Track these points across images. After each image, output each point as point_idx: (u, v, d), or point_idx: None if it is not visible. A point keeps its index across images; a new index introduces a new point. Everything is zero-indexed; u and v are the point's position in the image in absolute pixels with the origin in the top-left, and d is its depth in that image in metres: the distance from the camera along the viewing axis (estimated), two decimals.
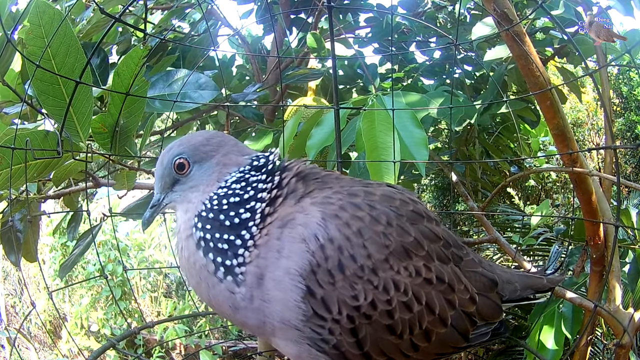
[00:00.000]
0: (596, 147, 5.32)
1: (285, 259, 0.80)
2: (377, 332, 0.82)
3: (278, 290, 0.80)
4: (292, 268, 0.79)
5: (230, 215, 0.85)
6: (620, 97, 6.24)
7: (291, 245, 0.81)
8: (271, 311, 0.82)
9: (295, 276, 0.79)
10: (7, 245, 1.52)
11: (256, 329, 0.87)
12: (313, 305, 0.79)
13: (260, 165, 0.91)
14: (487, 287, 0.98)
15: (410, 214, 0.90)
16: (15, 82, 1.56)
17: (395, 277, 0.83)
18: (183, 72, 1.67)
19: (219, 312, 0.89)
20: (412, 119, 1.52)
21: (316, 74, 2.24)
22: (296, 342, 0.83)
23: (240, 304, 0.83)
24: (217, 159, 0.91)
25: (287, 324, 0.81)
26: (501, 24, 1.40)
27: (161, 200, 0.94)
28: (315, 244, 0.80)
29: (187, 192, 0.91)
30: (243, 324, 0.88)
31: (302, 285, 0.79)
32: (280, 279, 0.80)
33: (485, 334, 0.96)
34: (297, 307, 0.79)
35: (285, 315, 0.80)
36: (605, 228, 1.77)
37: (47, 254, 5.96)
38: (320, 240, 0.80)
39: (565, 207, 5.32)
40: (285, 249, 0.81)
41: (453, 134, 2.89)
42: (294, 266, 0.79)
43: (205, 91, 1.63)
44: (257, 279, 0.81)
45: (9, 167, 1.19)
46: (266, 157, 0.92)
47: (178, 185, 0.93)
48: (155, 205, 0.94)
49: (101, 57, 1.69)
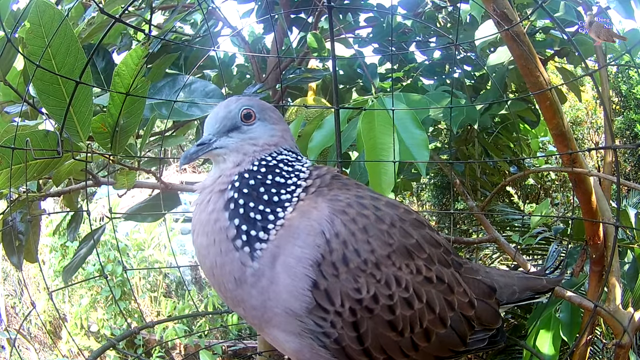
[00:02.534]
0: (596, 147, 5.33)
1: (300, 248, 0.81)
2: (379, 327, 0.83)
3: (287, 276, 0.80)
4: (305, 257, 0.80)
5: (271, 191, 0.86)
6: (620, 96, 6.24)
7: (306, 237, 0.82)
8: (276, 296, 0.81)
9: (307, 266, 0.80)
10: (8, 247, 1.52)
11: (251, 311, 0.84)
12: (316, 296, 0.80)
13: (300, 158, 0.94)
14: (486, 293, 1.00)
15: (413, 221, 0.92)
16: (17, 81, 1.55)
17: (397, 273, 0.85)
18: (190, 79, 1.66)
19: (217, 282, 0.86)
20: (412, 120, 1.53)
21: (317, 76, 2.24)
22: (298, 336, 0.83)
23: (248, 280, 0.82)
24: (279, 128, 0.93)
25: (290, 313, 0.81)
26: (501, 24, 1.40)
27: (212, 141, 0.90)
28: (322, 237, 0.81)
29: (245, 143, 0.90)
30: (240, 303, 0.85)
31: (312, 275, 0.80)
32: (292, 266, 0.80)
33: (482, 340, 0.97)
34: (304, 296, 0.80)
35: (290, 303, 0.80)
36: (605, 228, 1.77)
37: (47, 255, 5.95)
38: (326, 235, 0.81)
39: (564, 206, 5.33)
40: (300, 239, 0.82)
41: (453, 134, 2.90)
42: (307, 256, 0.80)
43: (213, 99, 1.63)
44: (272, 259, 0.81)
45: (9, 167, 1.19)
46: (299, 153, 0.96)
47: (236, 132, 0.90)
48: (204, 143, 0.90)
49: (106, 60, 1.67)
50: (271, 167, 0.88)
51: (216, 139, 0.90)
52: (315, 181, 0.91)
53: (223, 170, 0.89)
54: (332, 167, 0.98)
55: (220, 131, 0.91)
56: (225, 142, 0.90)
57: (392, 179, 1.44)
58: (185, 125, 2.63)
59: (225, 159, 0.90)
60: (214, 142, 0.90)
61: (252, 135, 0.90)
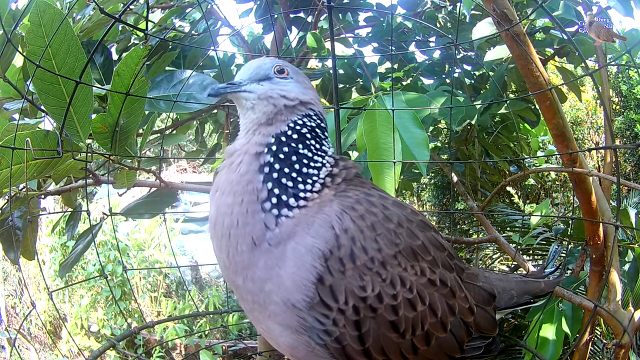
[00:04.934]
0: (596, 147, 5.33)
1: (312, 237, 0.80)
2: (381, 328, 0.83)
3: (294, 263, 0.79)
4: (316, 248, 0.79)
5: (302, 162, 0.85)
6: (620, 96, 6.24)
7: (318, 227, 0.81)
8: (279, 281, 0.79)
9: (315, 258, 0.79)
10: (5, 243, 1.52)
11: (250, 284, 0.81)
12: (320, 292, 0.79)
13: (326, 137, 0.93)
14: (485, 300, 1.00)
15: (419, 222, 0.92)
16: (16, 78, 1.55)
17: (402, 274, 0.84)
18: (187, 73, 1.67)
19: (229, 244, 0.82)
20: (412, 119, 1.53)
21: (317, 75, 2.24)
22: (295, 331, 0.81)
23: (264, 245, 0.80)
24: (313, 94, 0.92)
25: (289, 305, 0.79)
26: (501, 24, 1.40)
27: (243, 83, 0.88)
28: (331, 233, 0.80)
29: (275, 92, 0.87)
30: (244, 270, 0.82)
31: (320, 267, 0.79)
32: (301, 254, 0.79)
33: (478, 348, 0.96)
34: (306, 289, 0.79)
35: (291, 294, 0.79)
36: (605, 228, 1.77)
37: (47, 255, 5.95)
38: (335, 230, 0.81)
39: (564, 206, 5.32)
40: (313, 229, 0.81)
41: (453, 134, 2.90)
42: (318, 246, 0.80)
43: None
44: (287, 236, 0.81)
45: (9, 166, 1.19)
46: None
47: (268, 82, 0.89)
48: (234, 83, 0.88)
49: (104, 56, 1.68)
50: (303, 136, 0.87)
51: (248, 82, 0.88)
52: (342, 172, 0.90)
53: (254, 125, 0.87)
54: (356, 163, 0.96)
55: (251, 78, 0.89)
56: (254, 87, 0.88)
57: (396, 179, 1.44)
58: (185, 124, 2.64)
59: (254, 105, 0.88)
60: (244, 85, 0.88)
61: (285, 87, 0.89)
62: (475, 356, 0.97)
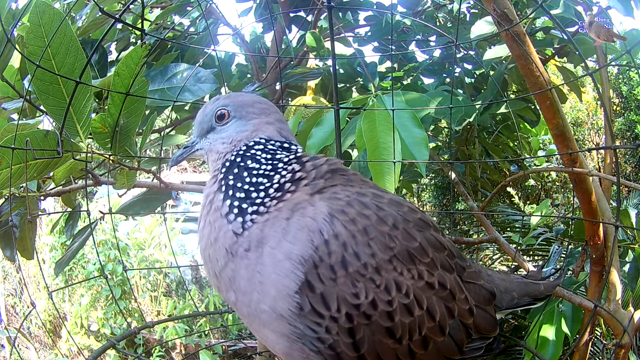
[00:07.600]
0: (596, 147, 5.33)
1: (290, 243, 0.79)
2: (376, 334, 0.81)
3: (275, 270, 0.79)
4: (294, 254, 0.78)
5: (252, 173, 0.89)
6: (620, 97, 6.24)
7: (297, 232, 0.80)
8: (263, 288, 0.79)
9: (296, 263, 0.78)
10: (2, 240, 1.52)
11: (242, 297, 0.82)
12: (311, 300, 0.77)
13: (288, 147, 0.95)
14: (485, 300, 0.98)
15: (417, 221, 0.89)
16: (14, 78, 1.55)
17: (397, 279, 0.82)
18: (182, 66, 1.68)
19: (212, 264, 0.87)
20: (412, 119, 1.52)
21: (316, 73, 2.24)
22: (288, 339, 0.80)
23: (239, 251, 0.82)
24: (255, 123, 0.96)
25: (277, 314, 0.79)
26: (501, 23, 1.40)
27: (194, 143, 1.01)
28: (319, 239, 0.79)
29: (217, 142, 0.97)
30: (231, 284, 0.84)
31: (300, 275, 0.78)
32: (280, 260, 0.79)
33: (479, 349, 0.95)
34: (291, 298, 0.78)
35: (277, 303, 0.78)
36: (605, 228, 1.77)
37: (47, 254, 5.96)
38: (324, 235, 0.79)
39: (565, 207, 5.32)
40: (290, 234, 0.80)
41: (453, 133, 2.89)
42: (297, 252, 0.78)
43: (205, 84, 1.63)
44: (257, 242, 0.82)
45: (9, 166, 1.19)
46: (296, 145, 0.97)
47: (212, 134, 0.99)
48: (188, 146, 1.02)
49: (100, 53, 1.70)
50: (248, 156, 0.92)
51: (198, 141, 1.01)
52: (310, 173, 0.89)
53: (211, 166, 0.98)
54: (333, 158, 0.95)
55: (200, 134, 1.00)
56: (203, 144, 1.00)
57: (396, 178, 1.44)
58: (185, 124, 2.64)
59: (206, 156, 0.99)
60: (196, 144, 1.01)
61: (223, 134, 0.97)
62: (477, 356, 0.96)
